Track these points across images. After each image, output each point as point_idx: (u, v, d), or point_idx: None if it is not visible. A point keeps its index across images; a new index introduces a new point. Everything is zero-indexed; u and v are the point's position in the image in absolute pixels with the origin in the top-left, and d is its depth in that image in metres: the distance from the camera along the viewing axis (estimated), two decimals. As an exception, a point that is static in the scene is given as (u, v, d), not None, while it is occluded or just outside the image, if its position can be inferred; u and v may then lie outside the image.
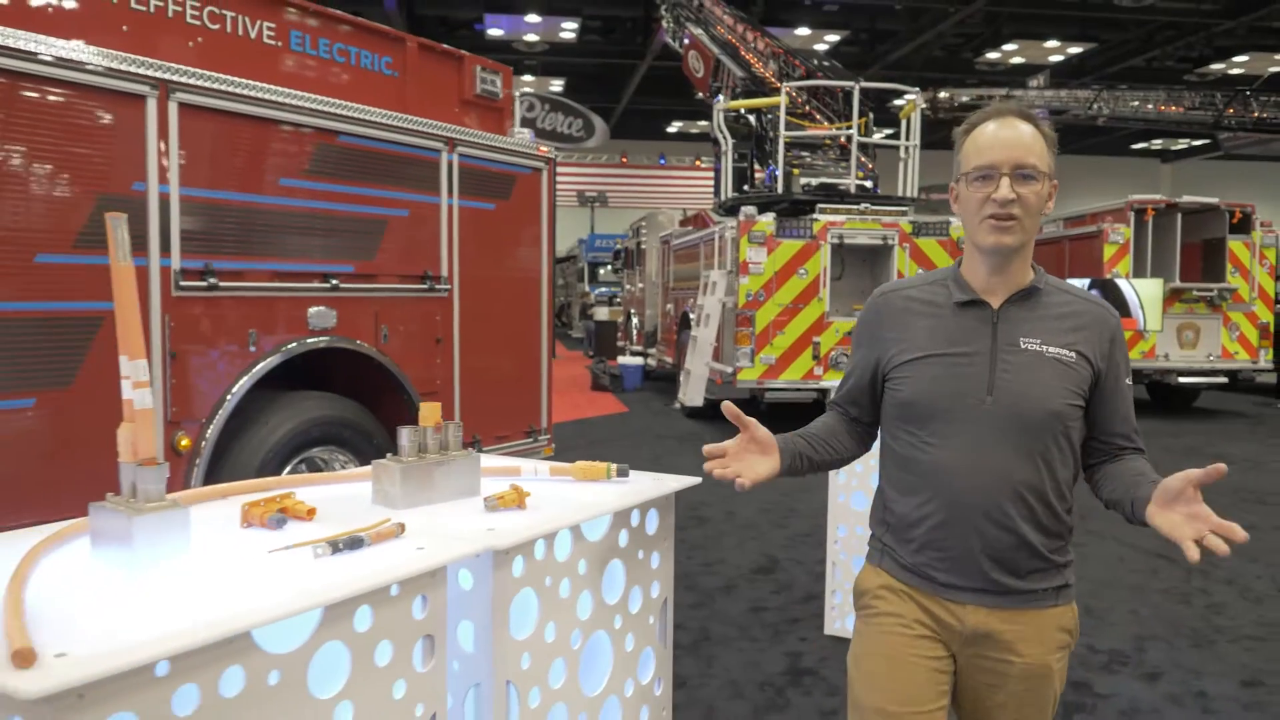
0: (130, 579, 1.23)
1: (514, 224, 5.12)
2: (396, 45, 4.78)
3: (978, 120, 1.71)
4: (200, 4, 3.90)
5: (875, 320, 1.81)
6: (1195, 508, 1.52)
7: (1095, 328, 1.71)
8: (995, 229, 1.63)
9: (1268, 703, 3.53)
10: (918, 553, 1.72)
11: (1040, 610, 1.70)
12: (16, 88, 3.05)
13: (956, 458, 1.67)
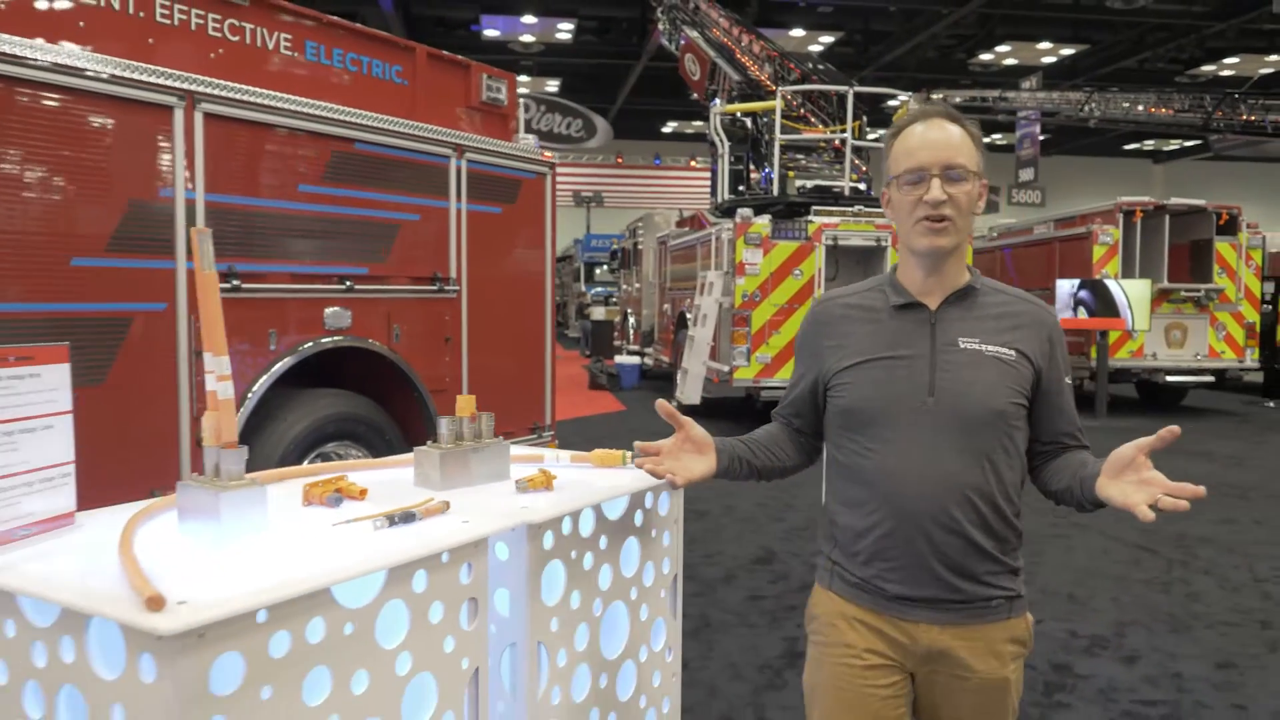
0: (219, 547, 1.42)
1: (519, 227, 5.31)
2: (406, 54, 4.96)
3: (904, 123, 1.70)
4: (221, 16, 4.09)
5: (814, 330, 1.81)
6: (1146, 474, 1.56)
7: (1033, 327, 1.71)
8: (929, 231, 1.64)
9: (1239, 683, 3.75)
10: (866, 565, 1.70)
11: (993, 624, 1.69)
12: (50, 100, 3.23)
13: (901, 462, 1.65)
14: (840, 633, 1.72)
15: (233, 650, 1.18)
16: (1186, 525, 6.21)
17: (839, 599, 1.74)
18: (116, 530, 1.46)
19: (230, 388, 1.52)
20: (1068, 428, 1.75)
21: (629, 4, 20.68)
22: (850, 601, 1.73)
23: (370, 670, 1.37)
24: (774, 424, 1.89)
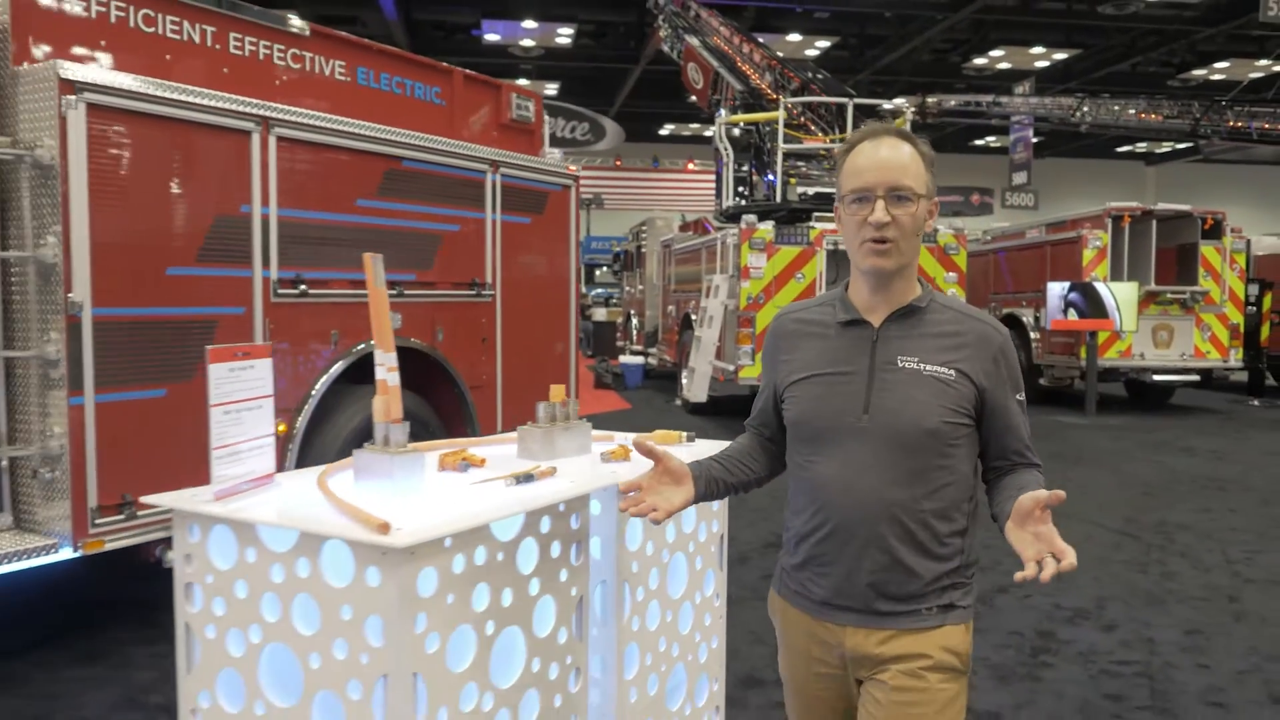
0: (393, 498, 1.87)
1: (547, 235, 5.78)
2: (444, 76, 5.43)
3: (855, 141, 1.73)
4: (285, 46, 4.55)
5: (772, 343, 1.88)
6: (1041, 528, 1.53)
7: (977, 345, 1.70)
8: (872, 252, 1.66)
9: (1205, 646, 4.23)
10: (801, 569, 1.77)
11: (920, 632, 1.68)
12: (145, 127, 3.68)
13: (835, 476, 1.69)
14: (790, 636, 1.81)
15: (429, 566, 1.64)
16: (1166, 513, 6.72)
17: (783, 601, 1.83)
18: (307, 487, 1.92)
19: (397, 376, 1.97)
20: (1015, 445, 1.75)
21: (626, 9, 21.12)
22: (790, 605, 1.80)
23: (513, 589, 1.83)
24: (746, 435, 1.95)
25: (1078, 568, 1.53)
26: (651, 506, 1.70)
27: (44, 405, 3.52)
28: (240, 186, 4.03)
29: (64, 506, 3.51)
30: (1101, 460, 8.83)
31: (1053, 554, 1.49)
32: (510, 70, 24.12)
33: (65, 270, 3.42)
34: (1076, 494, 7.39)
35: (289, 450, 4.27)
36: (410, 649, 1.60)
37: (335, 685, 1.66)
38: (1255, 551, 5.80)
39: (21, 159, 3.46)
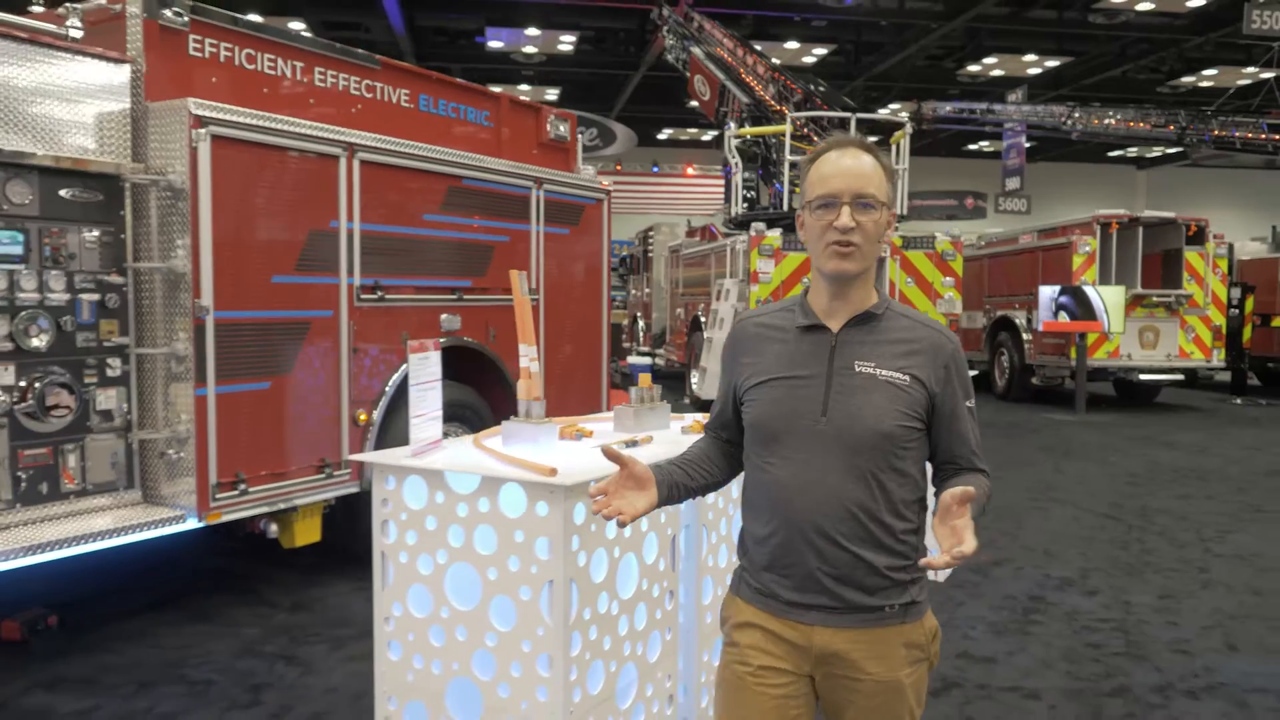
0: (537, 455, 2.48)
1: (582, 245, 6.40)
2: (492, 101, 6.05)
3: (821, 150, 1.82)
4: (360, 78, 5.16)
5: (732, 347, 1.95)
6: (957, 523, 1.60)
7: (930, 353, 1.79)
8: (836, 255, 1.74)
9: (1175, 609, 4.87)
10: (764, 571, 1.82)
11: (885, 629, 1.77)
12: (256, 154, 4.29)
13: (793, 477, 1.76)
14: (744, 635, 1.84)
15: (580, 501, 2.26)
16: (1148, 499, 7.38)
17: (744, 604, 1.87)
18: (467, 448, 2.54)
19: (538, 365, 2.59)
20: (962, 449, 1.83)
21: (627, 16, 21.75)
22: (753, 606, 1.84)
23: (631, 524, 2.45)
24: (705, 439, 2.04)
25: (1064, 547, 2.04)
26: (618, 510, 1.77)
27: (172, 395, 4.13)
28: (329, 204, 4.64)
29: (189, 483, 4.11)
30: (1090, 453, 9.51)
31: (959, 544, 1.57)
32: (512, 76, 24.75)
33: (194, 279, 4.03)
34: (1066, 482, 8.05)
35: (368, 437, 4.88)
36: (568, 562, 2.22)
37: (509, 591, 2.28)
38: (1226, 531, 6.46)
39: (155, 182, 4.07)
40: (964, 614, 4.73)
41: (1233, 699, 3.79)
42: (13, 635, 4.09)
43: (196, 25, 4.35)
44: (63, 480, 3.91)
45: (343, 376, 4.74)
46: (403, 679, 2.44)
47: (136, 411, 4.15)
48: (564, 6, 19.93)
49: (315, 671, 3.90)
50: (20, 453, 3.77)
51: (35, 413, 3.77)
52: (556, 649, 2.22)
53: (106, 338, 4.03)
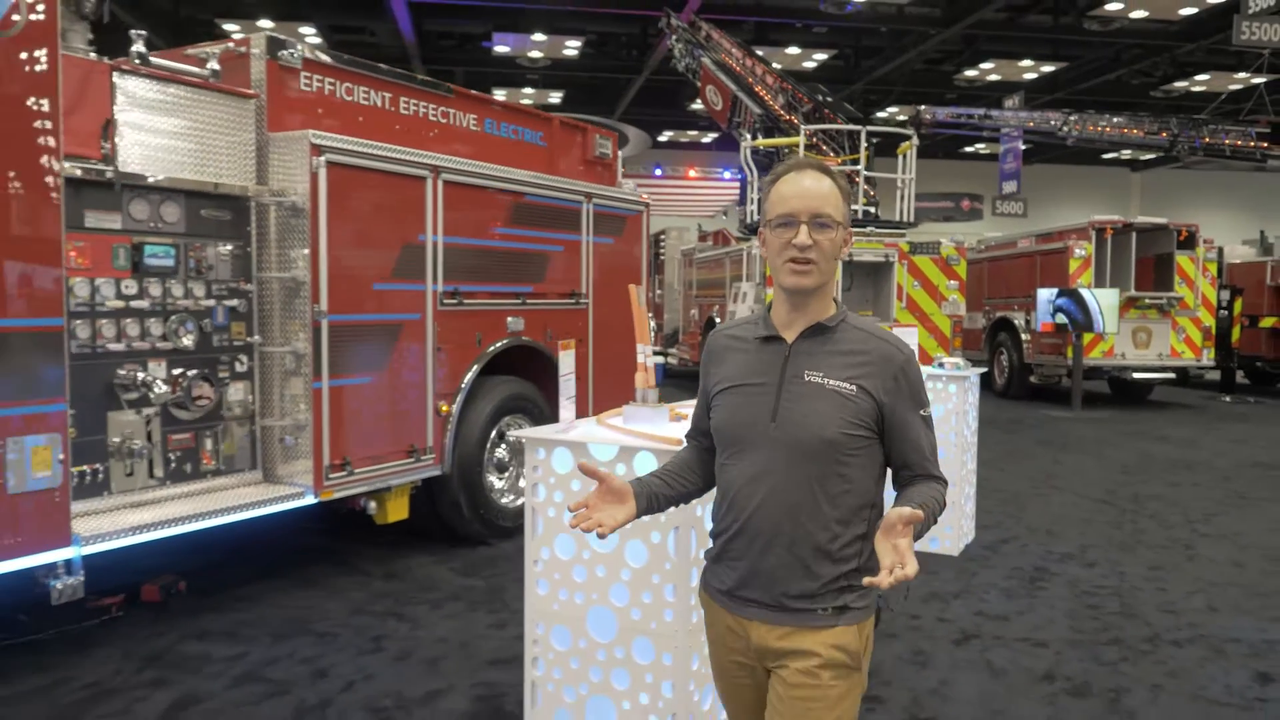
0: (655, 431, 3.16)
1: (625, 253, 7.09)
2: (545, 123, 6.73)
3: (782, 172, 1.92)
4: (435, 105, 5.83)
5: (706, 358, 2.08)
6: (898, 541, 1.66)
7: (880, 364, 1.87)
8: (795, 271, 1.85)
9: (1163, 577, 5.59)
10: (716, 562, 1.97)
11: (815, 630, 1.84)
12: (362, 177, 4.96)
13: (746, 478, 1.89)
14: (713, 627, 2.01)
15: (697, 464, 2.95)
16: (1140, 487, 8.11)
17: (705, 597, 2.04)
18: (594, 426, 3.22)
19: (653, 359, 3.28)
20: (914, 457, 1.91)
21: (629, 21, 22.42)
22: (711, 599, 2.00)
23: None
24: (685, 448, 2.16)
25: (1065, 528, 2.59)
26: (598, 522, 1.86)
27: (291, 388, 4.80)
28: (418, 220, 5.32)
29: (307, 464, 4.78)
30: (1086, 447, 10.26)
31: (900, 564, 1.63)
32: (516, 80, 25.39)
33: (313, 286, 4.70)
34: (1064, 472, 8.79)
35: (448, 427, 5.55)
36: (687, 512, 2.91)
37: (641, 536, 2.96)
38: (1211, 515, 7.19)
39: (279, 203, 4.74)
40: (978, 581, 5.44)
41: (1211, 647, 4.50)
42: (152, 597, 4.75)
43: (307, 63, 5.02)
44: (202, 461, 4.58)
45: (428, 372, 5.42)
46: (549, 608, 3.12)
47: (259, 402, 4.82)
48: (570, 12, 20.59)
49: (422, 626, 4.58)
50: (170, 437, 4.44)
51: (184, 402, 4.44)
52: (680, 580, 2.90)
53: (237, 337, 4.70)
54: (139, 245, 4.27)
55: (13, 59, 3.52)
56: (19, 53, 3.54)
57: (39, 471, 3.68)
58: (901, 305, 10.83)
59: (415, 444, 5.35)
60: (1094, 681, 4.07)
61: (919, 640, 4.52)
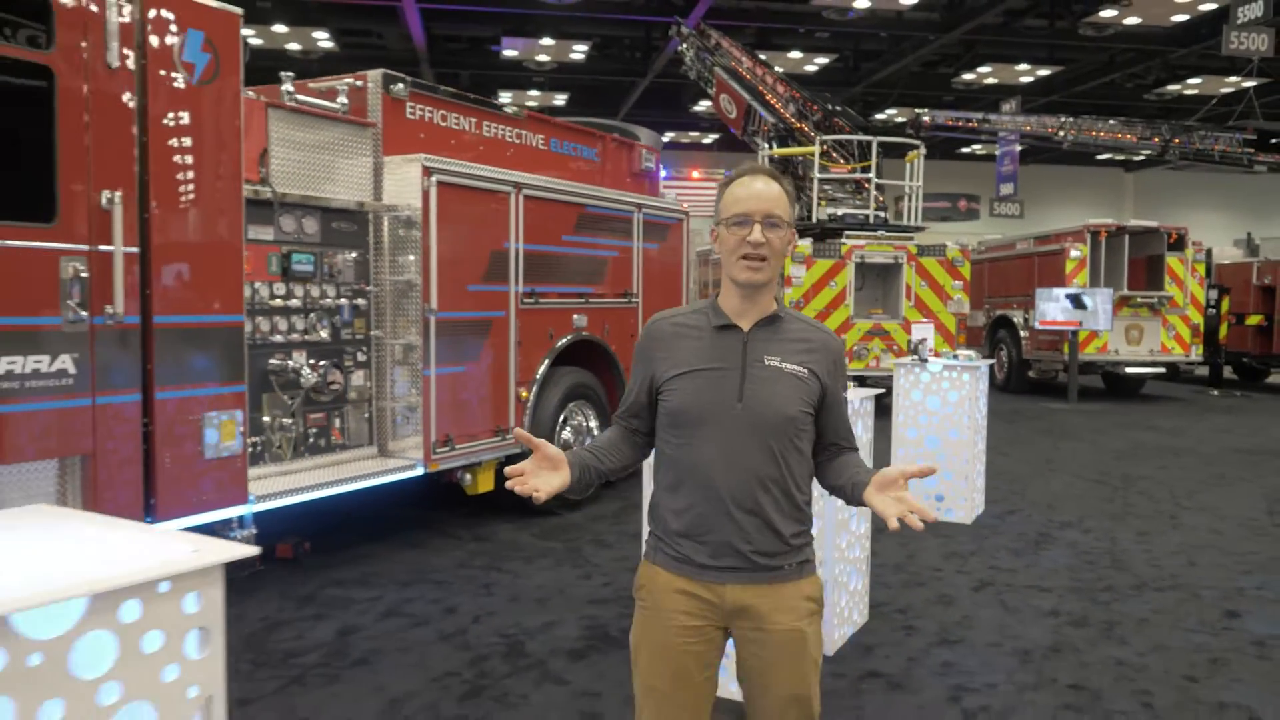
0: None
1: (668, 257, 8.01)
2: (599, 140, 7.65)
3: (735, 176, 2.14)
4: (511, 127, 6.74)
5: (648, 344, 2.21)
6: (903, 493, 1.98)
7: (823, 351, 2.15)
8: (748, 267, 2.06)
9: (1149, 542, 6.55)
10: (682, 539, 2.10)
11: (785, 584, 2.10)
12: (462, 193, 5.86)
13: (717, 455, 2.06)
14: (662, 599, 2.13)
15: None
16: (1130, 469, 9.09)
17: (663, 571, 2.15)
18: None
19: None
20: (844, 430, 2.23)
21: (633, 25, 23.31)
22: (672, 573, 2.13)
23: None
24: (614, 428, 2.28)
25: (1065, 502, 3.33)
26: (535, 487, 2.02)
27: (403, 375, 5.70)
28: (503, 229, 6.22)
29: (417, 441, 5.68)
30: (1081, 435, 11.25)
31: (913, 511, 1.93)
32: (522, 82, 26.26)
33: (424, 288, 5.60)
34: (1061, 457, 9.76)
35: (526, 410, 6.46)
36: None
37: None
38: (1194, 492, 8.17)
39: (395, 216, 5.63)
40: (989, 544, 6.38)
41: (1189, 592, 5.45)
42: (286, 554, 5.65)
43: (413, 95, 5.92)
44: (332, 437, 5.48)
45: (511, 363, 6.32)
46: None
47: (375, 387, 5.71)
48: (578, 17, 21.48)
49: (522, 576, 5.49)
50: (308, 416, 5.34)
51: (320, 387, 5.33)
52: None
53: (359, 331, 5.60)
54: (287, 253, 5.16)
55: (211, 103, 4.41)
56: (216, 99, 4.43)
57: (226, 441, 4.57)
58: (910, 304, 11.80)
59: (501, 425, 6.26)
60: (1091, 616, 5.01)
61: (942, 588, 5.46)
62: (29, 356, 3.82)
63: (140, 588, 1.55)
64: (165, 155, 4.22)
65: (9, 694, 1.44)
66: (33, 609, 1.46)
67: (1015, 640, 4.65)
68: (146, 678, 1.59)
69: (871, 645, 4.54)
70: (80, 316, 3.94)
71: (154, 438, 4.26)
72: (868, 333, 11.69)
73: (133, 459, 4.20)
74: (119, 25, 4.02)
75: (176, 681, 1.63)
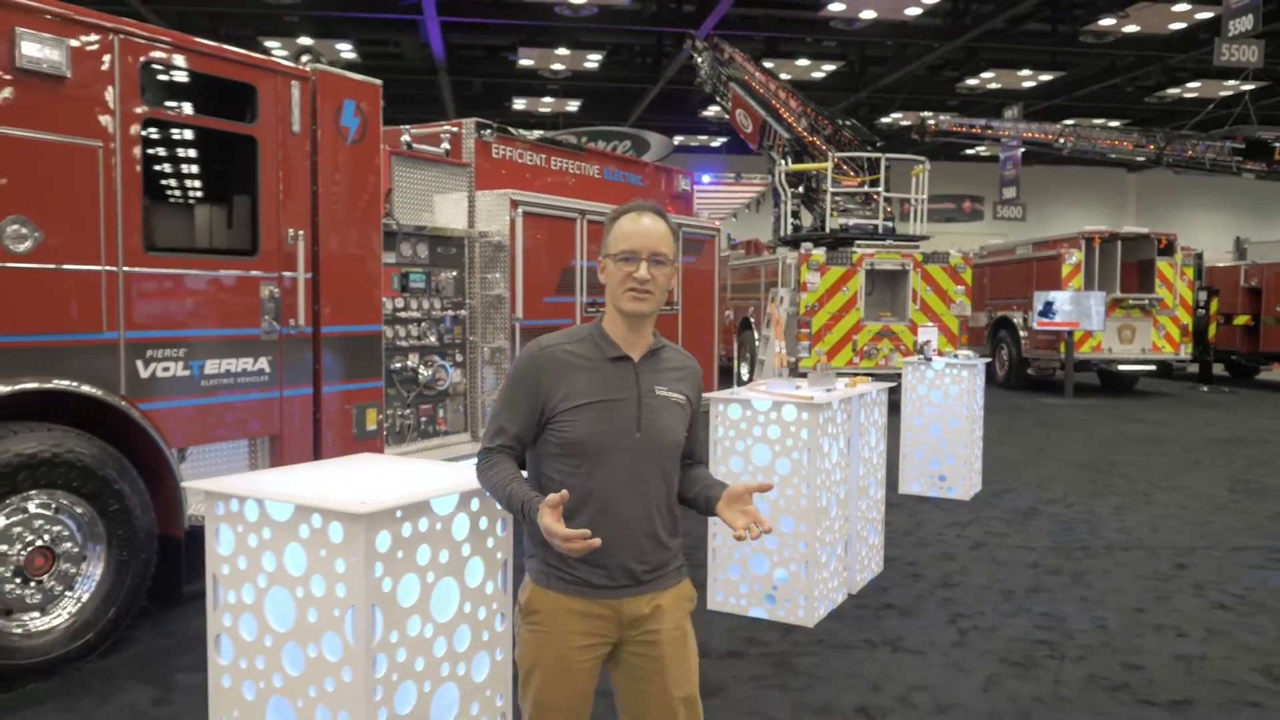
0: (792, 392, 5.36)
1: (703, 270, 9.32)
2: (642, 168, 8.99)
3: (623, 211, 2.37)
4: (572, 160, 8.05)
5: (537, 373, 2.34)
6: (748, 507, 2.31)
7: (692, 378, 2.47)
8: (635, 299, 2.31)
9: (1123, 514, 7.86)
10: (578, 564, 2.29)
11: (668, 589, 2.40)
12: (540, 221, 7.16)
13: (618, 481, 2.29)
14: (560, 621, 2.33)
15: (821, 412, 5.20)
16: (1115, 456, 10.41)
17: (559, 595, 2.34)
18: (748, 392, 5.46)
19: (783, 355, 5.49)
20: (701, 450, 2.59)
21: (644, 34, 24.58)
22: (569, 595, 2.33)
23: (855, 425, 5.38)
24: (504, 457, 2.37)
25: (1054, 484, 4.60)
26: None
27: (492, 373, 7.00)
28: (570, 250, 7.53)
29: (505, 428, 6.97)
30: (1074, 426, 12.59)
31: (756, 523, 2.26)
32: (536, 89, 27.54)
33: (511, 300, 6.91)
34: (1053, 446, 11.08)
35: (590, 403, 7.77)
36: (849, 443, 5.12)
37: (786, 454, 5.17)
38: (1169, 475, 9.49)
39: (486, 241, 6.94)
40: (984, 515, 7.69)
41: (1149, 551, 6.76)
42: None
43: (498, 138, 7.23)
44: (437, 425, 6.78)
45: (577, 363, 7.62)
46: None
47: (470, 382, 7.02)
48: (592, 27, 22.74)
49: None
50: (420, 407, 6.64)
51: (430, 383, 6.63)
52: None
53: (457, 337, 6.90)
54: (406, 273, 6.46)
55: (361, 158, 5.72)
56: (364, 154, 5.73)
57: (369, 425, 5.88)
58: (916, 307, 13.11)
59: (570, 416, 7.55)
60: (1064, 567, 6.32)
61: (944, 547, 6.76)
62: (241, 359, 5.13)
63: (472, 492, 2.87)
64: (330, 200, 5.54)
65: (428, 544, 2.75)
66: (439, 498, 2.78)
67: (1002, 584, 5.95)
68: (480, 543, 2.92)
69: (886, 587, 5.85)
70: (273, 328, 5.26)
71: (321, 422, 5.58)
72: (877, 334, 13.00)
73: (306, 439, 5.52)
74: (299, 99, 5.33)
75: (492, 548, 2.96)
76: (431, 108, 26.83)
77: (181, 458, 4.92)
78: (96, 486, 4.38)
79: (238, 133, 5.15)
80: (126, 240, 4.58)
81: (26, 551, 4.21)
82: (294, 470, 3.18)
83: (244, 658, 2.80)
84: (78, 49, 4.39)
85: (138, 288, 4.64)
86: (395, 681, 2.65)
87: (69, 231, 4.37)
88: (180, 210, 5.15)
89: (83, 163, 4.42)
